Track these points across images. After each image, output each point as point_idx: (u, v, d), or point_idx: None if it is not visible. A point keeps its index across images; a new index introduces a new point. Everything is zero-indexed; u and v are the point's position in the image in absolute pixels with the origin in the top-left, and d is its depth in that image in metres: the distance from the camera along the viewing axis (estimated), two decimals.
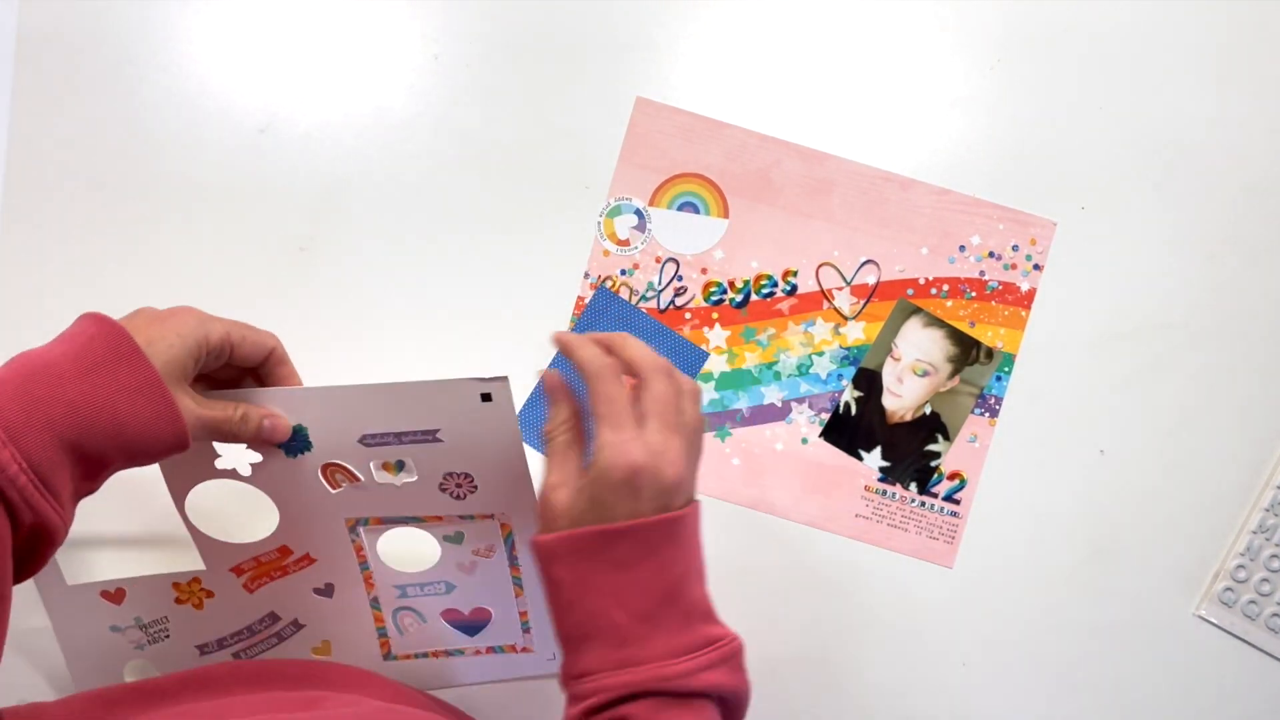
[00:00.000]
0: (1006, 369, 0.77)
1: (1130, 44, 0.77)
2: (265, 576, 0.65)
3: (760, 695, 0.77)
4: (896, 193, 0.77)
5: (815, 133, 0.77)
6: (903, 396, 0.77)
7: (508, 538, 0.64)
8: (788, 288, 0.77)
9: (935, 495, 0.77)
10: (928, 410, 0.77)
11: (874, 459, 0.77)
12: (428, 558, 0.66)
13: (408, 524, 0.63)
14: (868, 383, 0.77)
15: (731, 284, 0.77)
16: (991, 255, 0.77)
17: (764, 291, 0.77)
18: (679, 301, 0.77)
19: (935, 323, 0.77)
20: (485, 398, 0.56)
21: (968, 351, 0.77)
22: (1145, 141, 0.77)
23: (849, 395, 0.77)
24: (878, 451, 0.77)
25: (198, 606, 0.66)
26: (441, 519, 0.63)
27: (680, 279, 0.77)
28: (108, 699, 0.57)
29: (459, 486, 0.61)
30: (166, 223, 0.76)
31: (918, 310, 0.77)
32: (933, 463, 0.77)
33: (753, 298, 0.77)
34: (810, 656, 0.77)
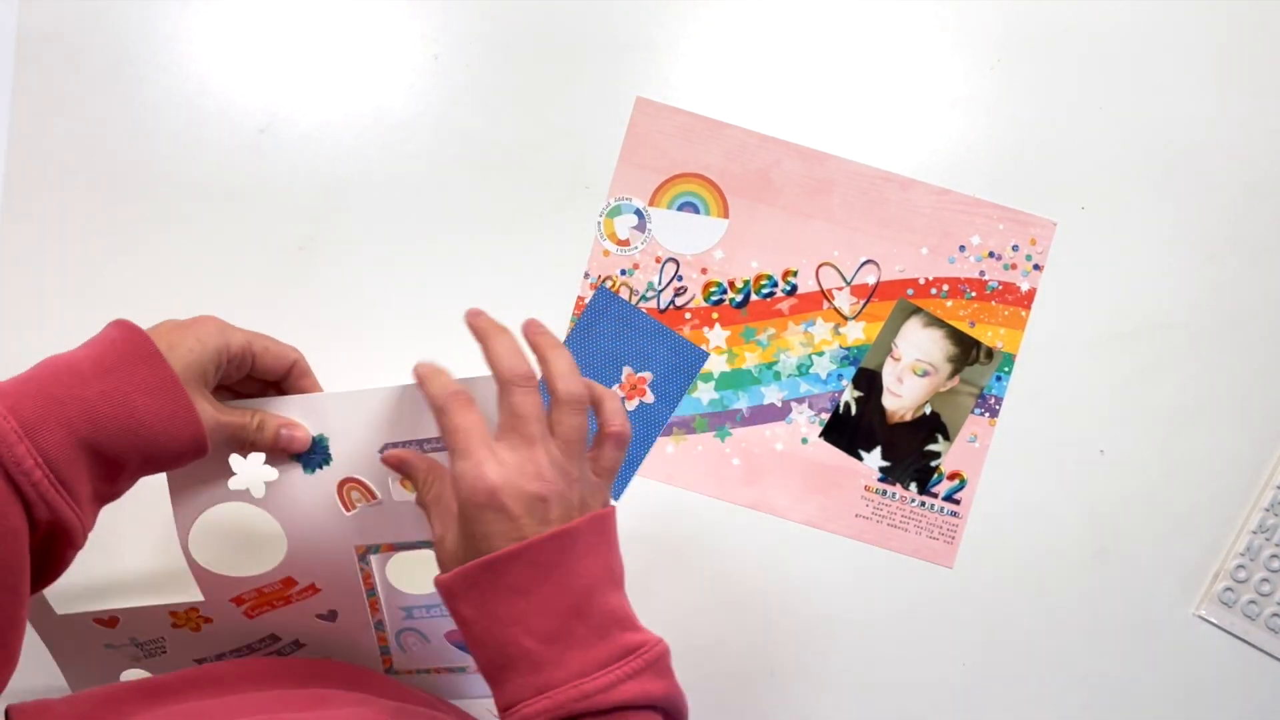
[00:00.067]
0: (1006, 369, 0.77)
1: (1130, 44, 0.77)
2: (267, 606, 0.62)
3: (760, 695, 0.78)
4: (896, 193, 0.77)
5: (815, 133, 0.77)
6: (903, 396, 0.77)
7: None
8: (788, 288, 0.77)
9: (935, 495, 0.77)
10: (928, 410, 0.77)
11: (874, 459, 0.77)
12: None
13: (419, 548, 0.61)
14: (868, 383, 0.77)
15: (731, 284, 0.77)
16: (991, 255, 0.77)
17: (764, 291, 0.77)
18: (679, 301, 0.77)
19: (935, 323, 0.77)
20: None
21: (968, 351, 0.77)
22: (1145, 141, 0.77)
23: (849, 395, 0.77)
24: (878, 451, 0.77)
25: (195, 630, 0.64)
26: None
27: (680, 279, 0.77)
28: (114, 696, 0.56)
29: None
30: (166, 223, 0.76)
31: (918, 310, 0.77)
32: (933, 463, 0.77)
33: (753, 298, 0.77)
34: (810, 656, 0.77)
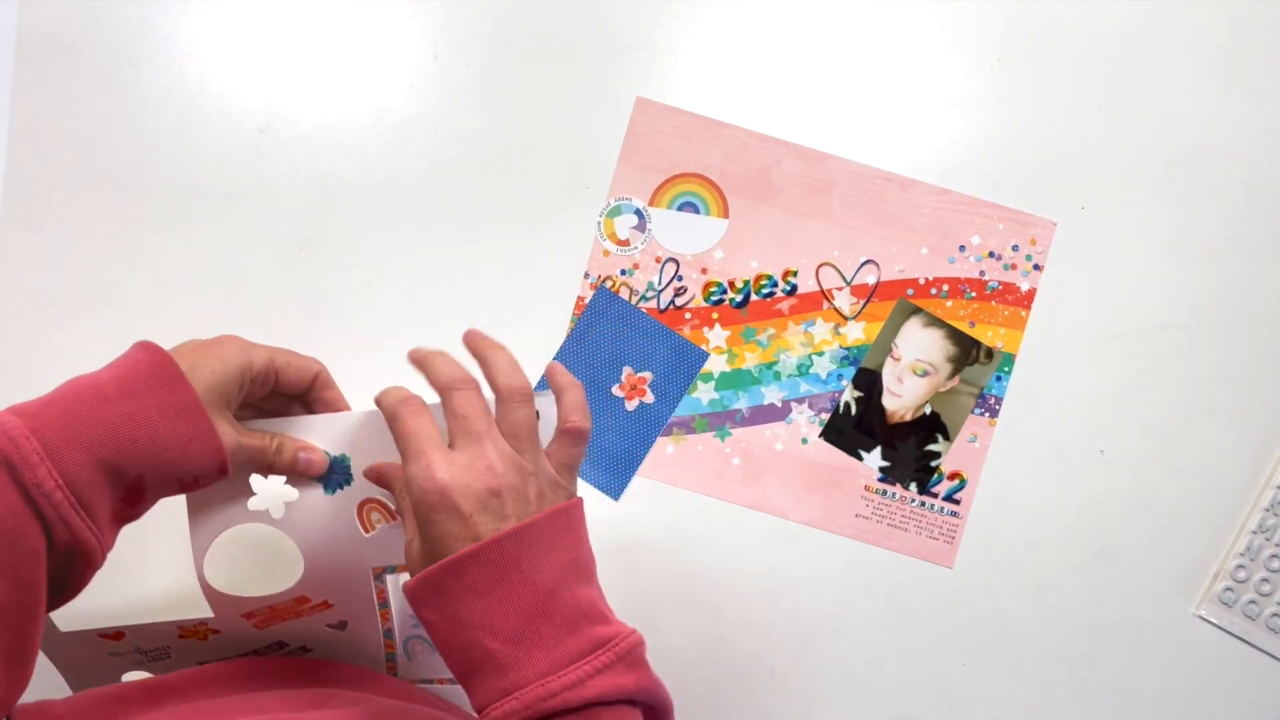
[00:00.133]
0: (1006, 369, 0.77)
1: (1130, 44, 0.77)
2: (277, 619, 0.62)
3: (760, 695, 0.78)
4: (896, 193, 0.77)
5: (815, 133, 0.77)
6: (903, 396, 0.77)
7: None
8: (788, 288, 0.77)
9: (935, 495, 0.77)
10: (928, 410, 0.77)
11: (874, 459, 0.77)
12: None
13: None
14: (868, 383, 0.77)
15: (731, 284, 0.77)
16: (991, 255, 0.77)
17: (764, 291, 0.77)
18: (679, 301, 0.77)
19: (935, 323, 0.77)
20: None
21: (968, 351, 0.77)
22: (1145, 141, 0.77)
23: (849, 395, 0.77)
24: (878, 451, 0.77)
25: (202, 639, 0.63)
26: None
27: (680, 279, 0.77)
28: (116, 696, 0.56)
29: None
30: (166, 223, 0.76)
31: (918, 310, 0.77)
32: (933, 463, 0.77)
33: (753, 298, 0.77)
34: (810, 656, 0.77)
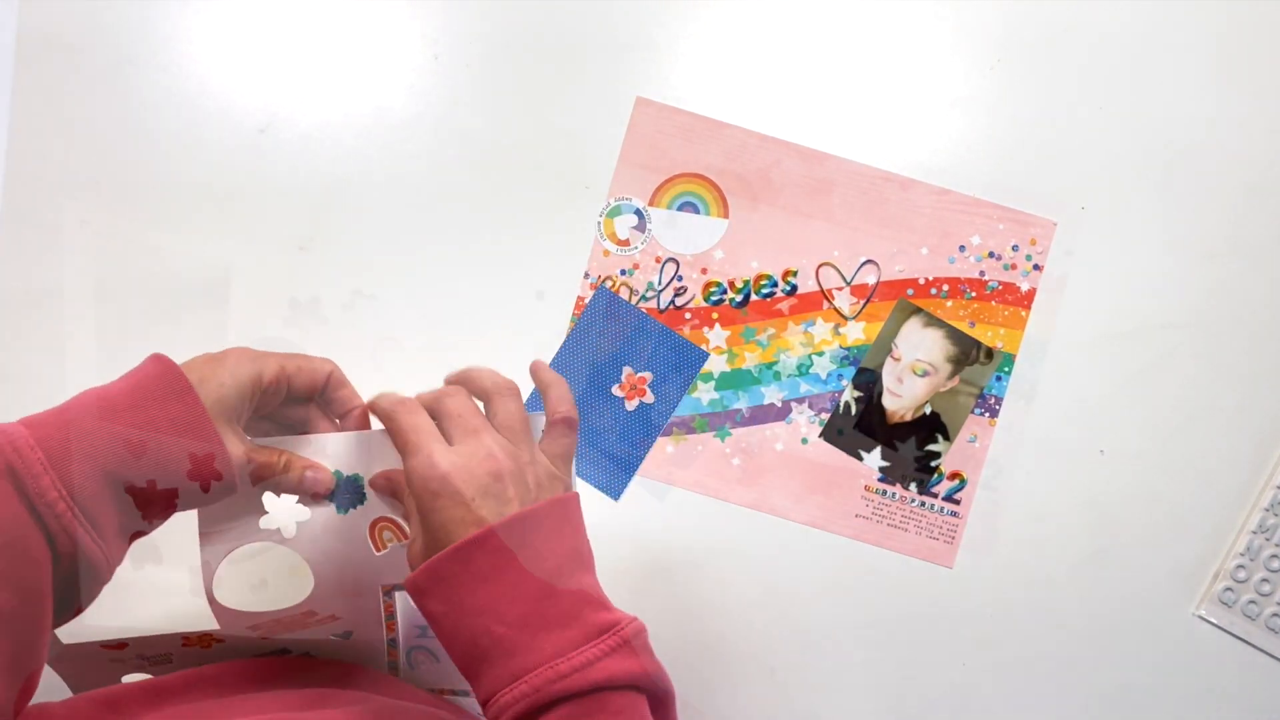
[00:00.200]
0: (1006, 369, 0.77)
1: (1130, 44, 0.77)
2: (283, 630, 0.61)
3: (760, 695, 0.78)
4: (896, 193, 0.77)
5: (815, 133, 0.77)
6: (903, 396, 0.77)
7: None
8: (788, 288, 0.77)
9: (935, 495, 0.77)
10: (928, 410, 0.77)
11: (874, 459, 0.77)
12: None
13: None
14: (868, 383, 0.77)
15: (731, 284, 0.77)
16: (991, 255, 0.77)
17: (764, 291, 0.77)
18: (679, 301, 0.77)
19: (935, 323, 0.77)
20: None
21: (968, 351, 0.77)
22: (1145, 141, 0.77)
23: (849, 395, 0.77)
24: (878, 451, 0.77)
25: (205, 647, 0.63)
26: None
27: (680, 279, 0.77)
28: (114, 698, 0.56)
29: None
30: (166, 223, 0.76)
31: (918, 310, 0.77)
32: (933, 463, 0.77)
33: (753, 298, 0.77)
34: (810, 656, 0.77)
